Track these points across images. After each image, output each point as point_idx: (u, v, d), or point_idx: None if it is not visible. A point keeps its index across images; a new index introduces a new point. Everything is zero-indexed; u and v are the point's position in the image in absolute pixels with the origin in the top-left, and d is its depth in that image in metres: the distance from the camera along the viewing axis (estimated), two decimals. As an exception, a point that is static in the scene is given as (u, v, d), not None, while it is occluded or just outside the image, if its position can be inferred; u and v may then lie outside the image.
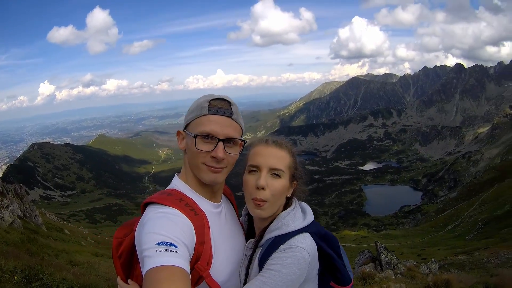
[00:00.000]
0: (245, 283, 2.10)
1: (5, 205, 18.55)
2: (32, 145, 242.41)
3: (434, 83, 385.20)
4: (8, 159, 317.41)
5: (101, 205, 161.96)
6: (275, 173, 2.13)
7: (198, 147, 1.99)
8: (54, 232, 24.65)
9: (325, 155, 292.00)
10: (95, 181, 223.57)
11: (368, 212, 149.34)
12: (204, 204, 2.09)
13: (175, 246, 1.61)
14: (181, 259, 1.58)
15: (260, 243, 2.15)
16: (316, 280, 2.14)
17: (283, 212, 2.19)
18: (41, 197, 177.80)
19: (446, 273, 17.94)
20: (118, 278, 2.08)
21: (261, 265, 2.01)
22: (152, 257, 1.55)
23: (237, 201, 2.23)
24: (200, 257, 1.82)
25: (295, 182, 2.27)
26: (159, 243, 1.59)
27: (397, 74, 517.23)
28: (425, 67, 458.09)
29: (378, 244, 16.99)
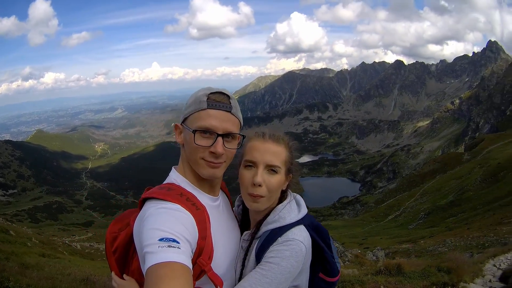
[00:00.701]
0: (241, 274, 2.11)
1: None
2: None
3: (372, 79, 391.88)
4: None
5: (41, 203, 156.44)
6: (271, 169, 2.11)
7: (197, 142, 1.96)
8: (0, 234, 23.45)
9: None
10: (35, 179, 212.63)
11: (306, 203, 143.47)
12: (203, 198, 2.07)
13: (177, 242, 1.59)
14: (183, 255, 1.56)
15: (257, 235, 2.15)
16: (308, 271, 2.19)
17: (279, 205, 2.20)
18: None
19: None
20: (113, 273, 2.05)
21: (258, 257, 2.03)
22: (154, 253, 1.53)
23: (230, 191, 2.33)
24: (202, 252, 1.81)
25: (290, 175, 2.26)
26: (161, 239, 1.57)
27: (334, 69, 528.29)
28: (363, 62, 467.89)
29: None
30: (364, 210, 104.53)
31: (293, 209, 2.18)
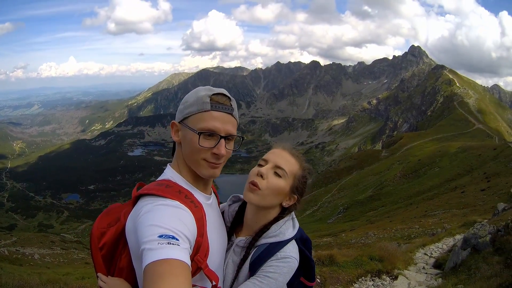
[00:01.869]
0: (234, 280, 2.20)
1: None
2: None
3: (287, 78, 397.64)
4: None
5: None
6: (277, 171, 2.20)
7: (201, 144, 1.96)
8: None
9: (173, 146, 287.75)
10: None
11: (221, 200, 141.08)
12: (198, 196, 2.07)
13: (177, 239, 1.58)
14: (182, 253, 1.55)
15: (256, 244, 2.23)
16: None
17: (281, 220, 2.28)
18: None
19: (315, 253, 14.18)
20: (99, 274, 1.99)
21: (252, 267, 2.14)
22: (154, 250, 1.51)
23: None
24: (200, 249, 1.82)
25: (296, 197, 2.29)
26: (160, 236, 1.55)
27: (248, 68, 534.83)
28: (278, 62, 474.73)
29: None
30: None
31: (291, 226, 2.29)
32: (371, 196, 66.06)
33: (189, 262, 1.57)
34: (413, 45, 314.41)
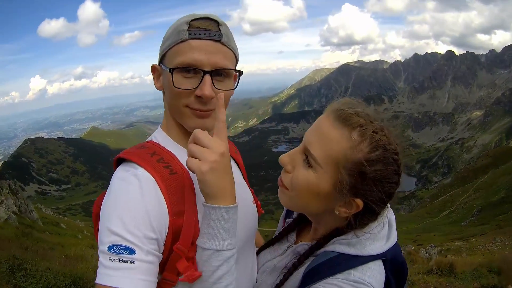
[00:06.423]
0: (281, 284, 1.58)
1: (0, 201, 18.54)
2: (25, 141, 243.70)
3: (425, 70, 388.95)
4: (2, 156, 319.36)
5: (95, 197, 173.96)
6: (307, 159, 1.44)
7: (177, 85, 1.46)
8: (50, 226, 24.15)
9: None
10: (89, 174, 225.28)
11: None
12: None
13: (132, 252, 1.24)
14: (135, 275, 1.23)
15: (317, 252, 1.55)
16: None
17: (371, 223, 1.46)
18: (37, 192, 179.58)
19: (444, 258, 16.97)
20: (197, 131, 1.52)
21: (306, 279, 1.47)
22: (104, 268, 1.23)
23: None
24: (180, 233, 1.39)
25: (357, 201, 1.37)
26: (111, 247, 1.23)
27: (387, 60, 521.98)
28: (415, 54, 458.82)
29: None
30: (420, 205, 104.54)
31: (381, 236, 1.46)
32: (503, 198, 61.86)
33: (148, 277, 1.26)
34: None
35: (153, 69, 1.63)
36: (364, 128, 1.31)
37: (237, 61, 1.61)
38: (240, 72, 1.60)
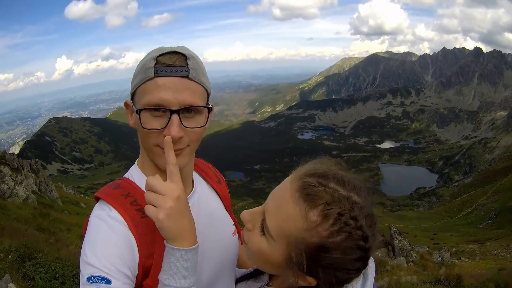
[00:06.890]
0: None
1: (19, 181, 18.68)
2: (50, 120, 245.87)
3: (452, 65, 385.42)
4: (25, 135, 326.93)
5: (119, 177, 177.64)
6: (263, 225, 1.29)
7: (145, 126, 1.41)
8: (69, 205, 24.48)
9: (343, 131, 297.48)
10: (113, 154, 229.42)
11: (384, 191, 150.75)
12: None
13: (109, 282, 1.28)
14: None
15: None
16: None
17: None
18: (59, 171, 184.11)
19: (458, 261, 19.22)
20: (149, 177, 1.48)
21: None
22: None
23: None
24: (150, 271, 1.41)
25: (309, 279, 1.19)
26: (89, 279, 1.27)
27: (416, 53, 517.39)
28: (444, 48, 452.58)
29: (392, 228, 16.88)
30: (439, 203, 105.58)
31: None
32: (520, 202, 61.01)
33: None
34: None
35: (126, 105, 1.57)
36: (329, 209, 1.10)
37: (208, 95, 1.53)
38: (210, 108, 1.51)
